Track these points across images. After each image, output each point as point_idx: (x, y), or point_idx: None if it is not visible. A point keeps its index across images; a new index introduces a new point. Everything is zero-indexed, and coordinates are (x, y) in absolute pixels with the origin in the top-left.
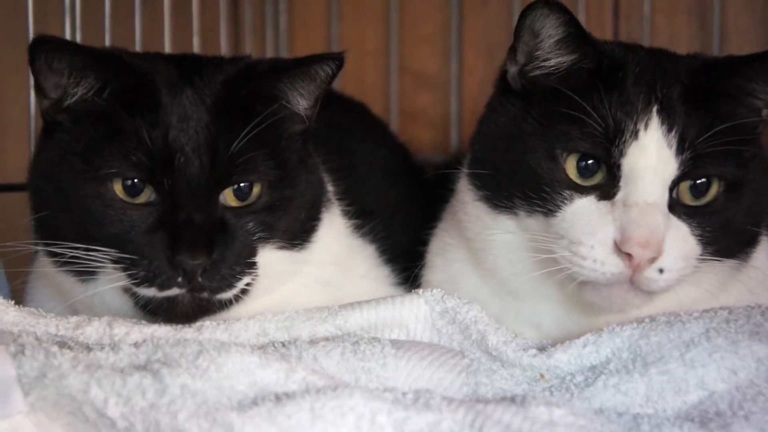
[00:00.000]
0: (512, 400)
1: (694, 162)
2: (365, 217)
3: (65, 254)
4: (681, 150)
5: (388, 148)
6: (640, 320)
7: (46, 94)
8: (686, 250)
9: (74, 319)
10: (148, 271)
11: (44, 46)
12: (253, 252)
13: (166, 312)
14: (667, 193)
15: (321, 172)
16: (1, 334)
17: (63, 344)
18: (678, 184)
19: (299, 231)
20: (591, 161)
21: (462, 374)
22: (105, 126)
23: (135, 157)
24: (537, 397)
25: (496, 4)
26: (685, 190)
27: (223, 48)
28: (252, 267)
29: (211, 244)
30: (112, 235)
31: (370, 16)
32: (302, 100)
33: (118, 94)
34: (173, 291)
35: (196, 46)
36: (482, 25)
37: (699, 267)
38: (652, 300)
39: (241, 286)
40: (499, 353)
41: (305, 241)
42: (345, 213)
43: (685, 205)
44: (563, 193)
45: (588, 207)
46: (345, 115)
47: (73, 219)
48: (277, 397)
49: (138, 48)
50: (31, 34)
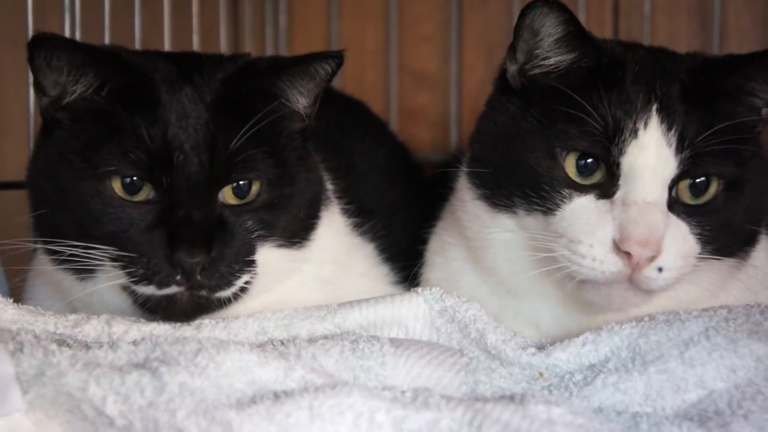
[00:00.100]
0: (511, 398)
1: (693, 161)
2: (365, 216)
3: (64, 252)
4: (680, 149)
5: (388, 147)
6: (639, 319)
7: (45, 92)
8: (685, 249)
9: (73, 317)
10: (146, 268)
11: (43, 44)
12: (252, 250)
13: (165, 310)
14: (667, 192)
15: (320, 171)
16: (0, 332)
17: (62, 342)
18: (677, 182)
19: (298, 229)
20: (590, 160)
21: (461, 373)
22: (104, 124)
23: (134, 154)
24: (536, 396)
25: (496, 4)
26: (684, 188)
27: (223, 47)
28: (251, 265)
29: (209, 242)
30: (111, 233)
31: (370, 16)
32: (302, 99)
33: (117, 91)
34: (172, 289)
35: (195, 45)
36: (482, 24)
37: (698, 266)
38: (651, 299)
39: (240, 285)
40: (498, 352)
41: (304, 239)
42: (344, 211)
43: (685, 204)
44: (562, 192)
45: (587, 206)
46: (344, 114)
47: (71, 217)
48: (276, 396)
49: (137, 46)
50: (30, 33)
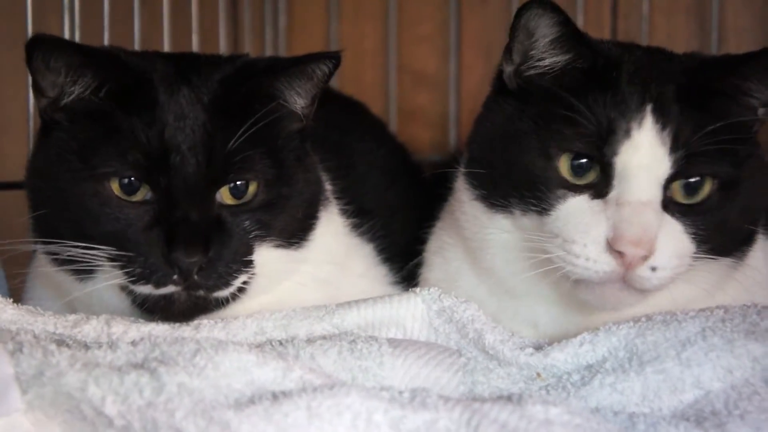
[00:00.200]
0: (509, 398)
1: (687, 160)
2: (364, 216)
3: (63, 252)
4: (675, 148)
5: (387, 148)
6: (636, 319)
7: (43, 93)
8: (679, 249)
9: (72, 318)
10: (144, 268)
11: (41, 45)
12: (250, 250)
13: (163, 310)
14: (661, 192)
15: (319, 171)
16: (0, 332)
17: (61, 342)
18: (671, 182)
19: (296, 229)
20: (584, 160)
21: (459, 373)
22: (102, 125)
23: (131, 155)
24: (533, 396)
25: (495, 4)
26: (678, 188)
27: (222, 48)
28: (248, 265)
29: (207, 242)
30: (109, 233)
31: (369, 16)
32: (299, 99)
33: (115, 92)
34: (169, 289)
35: (195, 46)
36: (481, 24)
37: (694, 265)
38: (645, 298)
39: (238, 285)
40: (496, 352)
41: (303, 239)
42: (343, 212)
43: (679, 204)
44: (557, 192)
45: (581, 206)
46: (344, 115)
47: (70, 217)
48: (274, 396)
49: (137, 47)
50: (29, 33)
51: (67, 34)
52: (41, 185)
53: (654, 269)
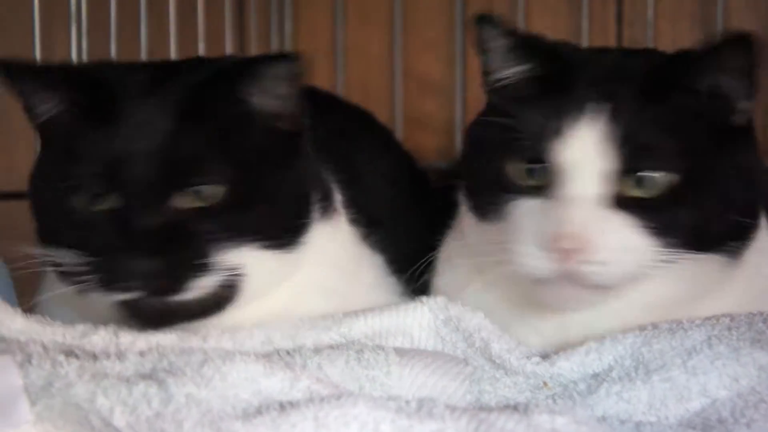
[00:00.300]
0: (515, 408)
1: (634, 154)
2: (373, 226)
3: (49, 260)
4: (619, 143)
5: (395, 157)
6: (642, 328)
7: (27, 113)
8: (627, 243)
9: (81, 328)
10: (106, 275)
11: (9, 71)
12: (209, 253)
13: (137, 316)
14: (605, 187)
15: (313, 171)
16: (8, 343)
17: (69, 353)
18: (623, 176)
19: (282, 230)
20: (536, 164)
21: (465, 382)
22: (71, 140)
23: (92, 167)
24: (540, 405)
25: (501, 10)
26: (630, 183)
27: (229, 53)
28: (209, 268)
29: (160, 247)
30: (79, 242)
31: (375, 22)
32: (268, 100)
33: (84, 108)
34: (131, 294)
35: (201, 53)
36: None
37: (670, 262)
38: (606, 296)
39: (203, 288)
40: (503, 361)
41: (293, 240)
42: (353, 222)
43: (633, 198)
44: (511, 196)
45: (531, 207)
46: (351, 124)
47: (50, 227)
48: (282, 406)
49: (144, 55)
50: (37, 42)
51: (74, 44)
52: (31, 197)
53: (594, 264)
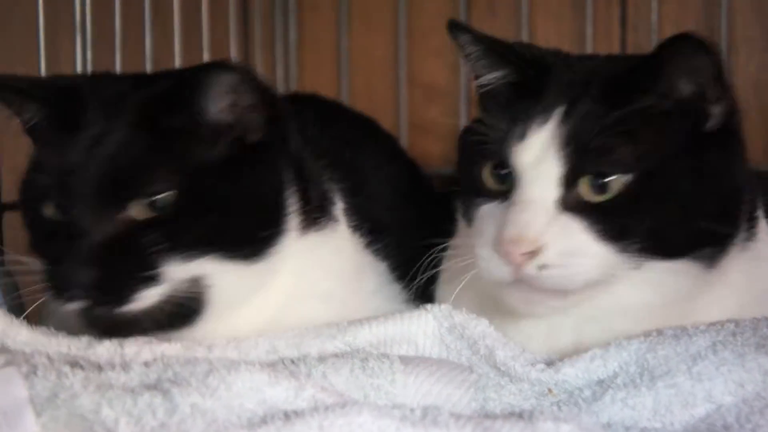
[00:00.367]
0: (520, 415)
1: (586, 158)
2: (377, 234)
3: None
4: (573, 146)
5: (399, 164)
6: (647, 334)
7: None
8: (573, 247)
9: (85, 339)
10: (52, 284)
11: None
12: (157, 264)
13: (91, 325)
14: (556, 190)
15: (284, 182)
16: (14, 354)
17: (74, 364)
18: (577, 180)
19: (240, 241)
20: (503, 168)
21: (470, 390)
22: (41, 148)
23: (51, 177)
24: (544, 413)
25: (505, 16)
26: (586, 186)
27: None
28: (156, 279)
29: (102, 258)
30: (42, 252)
31: (379, 29)
32: (215, 110)
33: (53, 119)
34: (76, 304)
35: (206, 61)
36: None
37: (633, 267)
38: (569, 300)
39: (151, 298)
40: (508, 368)
41: (258, 251)
42: (356, 229)
43: (587, 202)
44: (482, 200)
45: (491, 210)
46: (354, 131)
47: (30, 236)
48: (286, 415)
49: (148, 64)
50: (42, 53)
51: (79, 53)
52: (20, 205)
53: (542, 267)
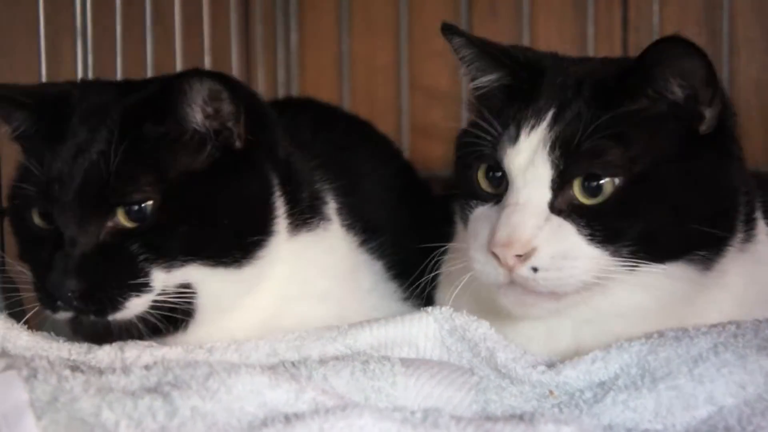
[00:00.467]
0: (521, 417)
1: (575, 161)
2: (372, 233)
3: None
4: (562, 149)
5: (393, 166)
6: (648, 335)
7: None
8: (564, 250)
9: (86, 344)
10: (39, 293)
11: None
12: (143, 272)
13: (77, 332)
14: (547, 193)
15: (269, 188)
16: (14, 358)
17: (75, 367)
18: (569, 183)
19: (226, 248)
20: (496, 171)
21: (471, 392)
22: (28, 156)
23: (37, 187)
24: (545, 415)
25: (506, 18)
26: (578, 189)
27: (234, 66)
28: (143, 287)
29: (82, 268)
30: (30, 261)
31: (381, 32)
32: (196, 118)
33: (41, 127)
34: (63, 314)
35: (207, 65)
36: (492, 39)
37: (627, 271)
38: (562, 303)
39: (139, 306)
40: (509, 370)
41: (244, 258)
42: (350, 228)
43: (579, 205)
44: (476, 203)
45: (485, 213)
46: (349, 133)
47: (18, 243)
48: (287, 418)
49: (149, 68)
50: (43, 56)
51: (80, 57)
52: (7, 213)
53: (535, 270)
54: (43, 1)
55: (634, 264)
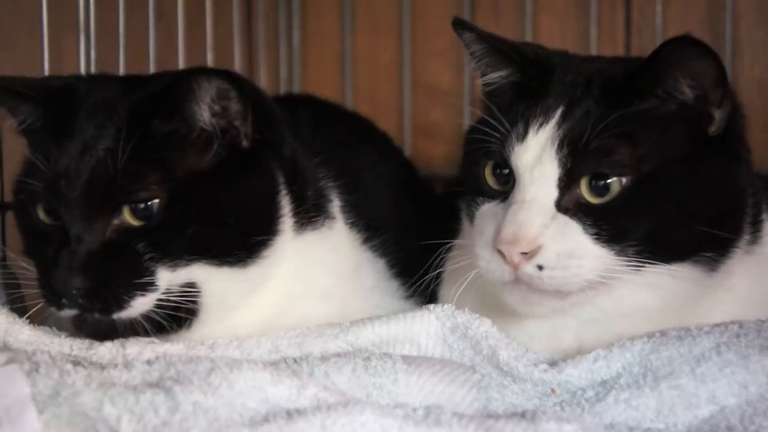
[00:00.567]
0: (522, 415)
1: (582, 159)
2: (374, 231)
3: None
4: (573, 148)
5: (394, 164)
6: (650, 335)
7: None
8: (570, 249)
9: (88, 339)
10: (45, 291)
11: None
12: (149, 271)
13: (81, 330)
14: (554, 191)
15: (276, 188)
16: (16, 352)
17: (77, 363)
18: (576, 181)
19: (231, 247)
20: (503, 168)
21: (473, 390)
22: (34, 150)
23: (43, 183)
24: (547, 413)
25: (509, 18)
26: (585, 188)
27: (237, 63)
28: (149, 285)
29: (87, 267)
30: (35, 257)
31: (384, 31)
32: (204, 116)
33: (47, 121)
34: (67, 311)
35: (210, 62)
36: None
37: (632, 270)
38: (567, 301)
39: (144, 305)
40: (510, 368)
41: (249, 257)
42: (353, 226)
43: (586, 204)
44: (480, 200)
45: (491, 210)
46: (350, 131)
47: (23, 239)
48: (289, 414)
49: (152, 64)
50: (46, 53)
51: (82, 53)
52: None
53: (540, 268)
54: None
55: (640, 264)
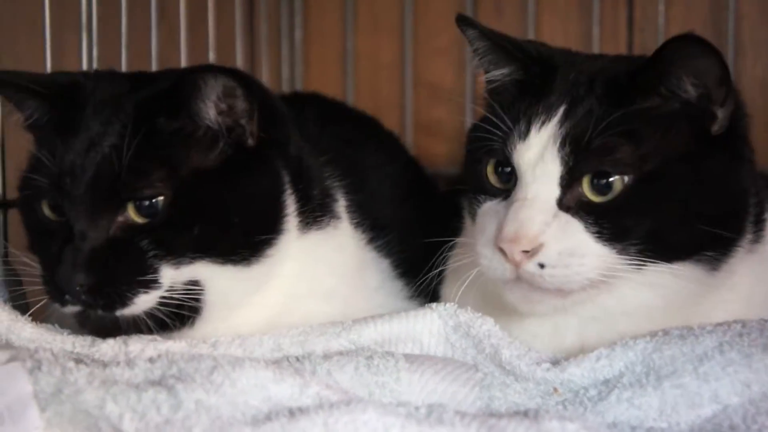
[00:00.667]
0: (525, 414)
1: (584, 158)
2: (379, 231)
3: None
4: (575, 147)
5: (400, 163)
6: (653, 334)
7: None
8: (571, 247)
9: (90, 337)
10: (49, 287)
11: None
12: (152, 268)
13: (83, 326)
14: (556, 190)
15: (281, 187)
16: (18, 350)
17: (79, 360)
18: (578, 180)
19: (235, 245)
20: (506, 166)
21: (475, 388)
22: (40, 146)
23: (48, 179)
24: (550, 412)
25: (511, 16)
26: (587, 186)
27: (239, 62)
28: (152, 283)
29: (91, 263)
30: (39, 253)
31: (386, 29)
32: (210, 114)
33: (53, 117)
34: (71, 308)
35: (212, 61)
36: None
37: (634, 269)
38: (569, 300)
39: (148, 302)
40: (513, 367)
41: (253, 256)
42: (358, 226)
43: (588, 203)
44: (482, 198)
45: (493, 208)
46: (356, 130)
47: (27, 234)
48: (291, 412)
49: (154, 62)
50: (48, 51)
51: (84, 52)
52: (18, 203)
53: (542, 266)
54: None
55: (642, 263)
